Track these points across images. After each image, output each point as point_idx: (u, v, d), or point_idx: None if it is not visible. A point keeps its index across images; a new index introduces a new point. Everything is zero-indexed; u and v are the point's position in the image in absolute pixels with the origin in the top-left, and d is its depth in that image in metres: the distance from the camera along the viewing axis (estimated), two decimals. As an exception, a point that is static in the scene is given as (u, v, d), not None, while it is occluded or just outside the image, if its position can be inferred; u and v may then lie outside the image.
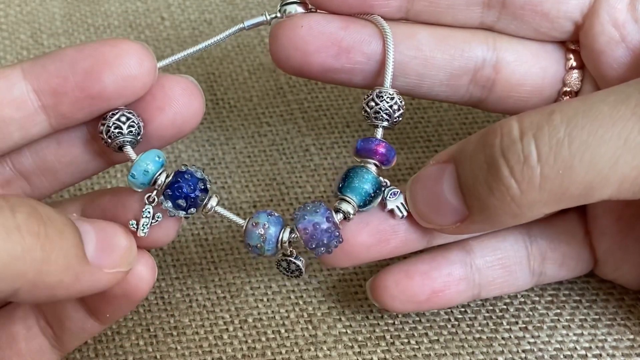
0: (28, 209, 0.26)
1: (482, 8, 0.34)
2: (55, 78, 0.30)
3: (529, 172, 0.28)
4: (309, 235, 0.32)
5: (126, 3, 0.52)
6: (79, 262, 0.28)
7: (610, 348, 0.36)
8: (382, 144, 0.33)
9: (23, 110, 0.30)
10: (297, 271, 0.33)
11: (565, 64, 0.36)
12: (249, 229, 0.32)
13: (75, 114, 0.31)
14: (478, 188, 0.30)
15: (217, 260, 0.39)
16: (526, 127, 0.29)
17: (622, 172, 0.28)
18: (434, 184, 0.31)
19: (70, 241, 0.27)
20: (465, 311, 0.38)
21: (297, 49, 0.34)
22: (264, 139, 0.45)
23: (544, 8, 0.34)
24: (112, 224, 0.30)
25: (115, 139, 0.31)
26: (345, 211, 0.32)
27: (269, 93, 0.47)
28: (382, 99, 0.33)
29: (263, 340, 0.36)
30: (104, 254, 0.29)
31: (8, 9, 0.51)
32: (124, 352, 0.36)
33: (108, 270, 0.29)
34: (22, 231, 0.26)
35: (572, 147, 0.28)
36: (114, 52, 0.30)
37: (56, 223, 0.27)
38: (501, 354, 0.36)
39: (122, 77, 0.30)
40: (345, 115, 0.46)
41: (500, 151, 0.29)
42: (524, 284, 0.37)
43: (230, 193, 0.42)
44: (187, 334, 0.37)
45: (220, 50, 0.49)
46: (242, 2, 0.52)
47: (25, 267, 0.26)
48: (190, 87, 0.32)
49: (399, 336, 0.37)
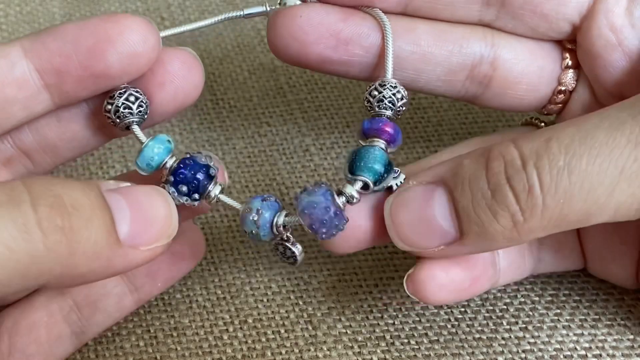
0: (50, 200, 0.25)
1: (480, 6, 0.34)
2: (57, 57, 0.30)
3: (532, 201, 0.29)
4: (311, 218, 0.31)
5: (126, 3, 0.52)
6: (110, 247, 0.26)
7: (610, 348, 0.36)
8: (389, 123, 0.33)
9: (25, 89, 0.30)
10: (292, 258, 0.33)
11: (562, 63, 0.36)
12: (243, 215, 0.31)
13: (78, 93, 0.31)
14: (480, 213, 0.29)
15: (217, 261, 0.39)
16: (527, 156, 0.29)
17: (618, 199, 0.28)
18: (423, 207, 0.31)
19: (99, 227, 0.26)
20: (465, 311, 0.38)
21: (295, 39, 0.34)
22: (264, 139, 0.45)
23: (543, 9, 0.34)
24: (150, 192, 0.29)
25: (124, 119, 0.31)
26: (349, 195, 0.31)
27: (269, 93, 0.47)
28: (385, 88, 0.33)
29: (263, 341, 0.36)
30: (140, 231, 0.28)
31: (8, 9, 0.51)
32: (124, 353, 0.36)
33: (145, 248, 0.28)
34: (43, 228, 0.25)
35: (572, 177, 0.28)
36: (117, 28, 0.30)
37: (83, 210, 0.26)
38: (501, 354, 0.36)
39: (126, 55, 0.30)
40: (345, 115, 0.46)
41: (506, 179, 0.29)
42: (529, 269, 0.37)
43: (231, 193, 0.42)
44: (187, 335, 0.37)
45: (220, 50, 0.49)
46: (242, 2, 0.52)
47: (51, 263, 0.25)
48: (189, 59, 0.32)
49: (399, 336, 0.37)
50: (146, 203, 0.28)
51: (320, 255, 0.40)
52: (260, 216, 0.31)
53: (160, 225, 0.28)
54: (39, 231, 0.25)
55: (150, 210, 0.28)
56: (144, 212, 0.28)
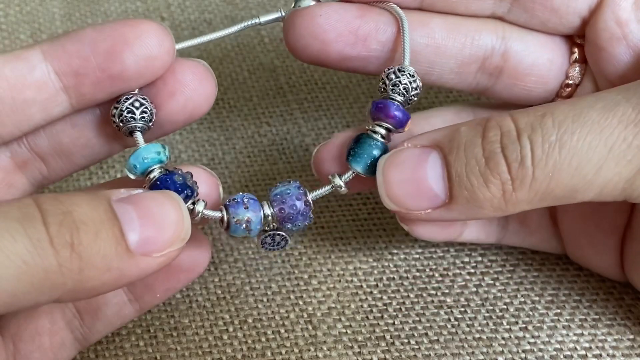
0: (60, 217, 0.26)
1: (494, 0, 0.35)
2: (76, 59, 0.30)
3: (523, 172, 0.29)
4: (281, 206, 0.32)
5: (126, 3, 0.52)
6: (120, 258, 0.27)
7: (610, 348, 0.36)
8: (399, 108, 0.33)
9: (44, 92, 0.30)
10: (283, 241, 0.33)
11: (570, 57, 0.36)
12: (233, 227, 0.32)
13: (96, 95, 0.31)
14: (472, 179, 0.30)
15: (217, 261, 0.39)
16: (522, 129, 0.30)
17: (605, 177, 0.29)
18: (415, 168, 0.31)
19: (108, 240, 0.26)
20: (465, 311, 0.38)
21: (315, 38, 0.34)
22: (264, 139, 0.45)
23: (554, 3, 0.34)
24: (159, 197, 0.29)
25: (127, 124, 0.31)
26: (337, 185, 0.33)
27: (269, 93, 0.47)
28: (403, 74, 0.33)
29: (263, 341, 0.36)
30: (151, 239, 0.28)
31: (8, 9, 0.51)
32: (124, 353, 0.36)
33: (157, 255, 0.28)
34: (55, 245, 0.25)
35: (562, 152, 0.29)
36: (134, 32, 0.30)
37: (91, 225, 0.26)
38: (501, 354, 0.36)
39: (142, 57, 0.30)
40: (345, 115, 0.46)
41: (500, 148, 0.30)
42: (495, 234, 0.38)
43: (230, 193, 0.42)
44: (187, 335, 0.37)
45: (220, 50, 0.49)
46: (242, 2, 0.52)
47: (63, 278, 0.26)
48: (202, 71, 0.32)
49: (399, 336, 0.37)
50: (156, 209, 0.28)
51: (321, 255, 0.40)
52: (250, 223, 0.32)
53: (171, 230, 0.28)
54: (51, 248, 0.25)
55: (160, 216, 0.28)
56: (154, 219, 0.28)
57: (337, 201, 0.42)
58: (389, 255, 0.40)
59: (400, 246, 0.40)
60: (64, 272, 0.25)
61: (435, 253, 0.40)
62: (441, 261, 0.40)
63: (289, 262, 0.39)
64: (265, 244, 0.34)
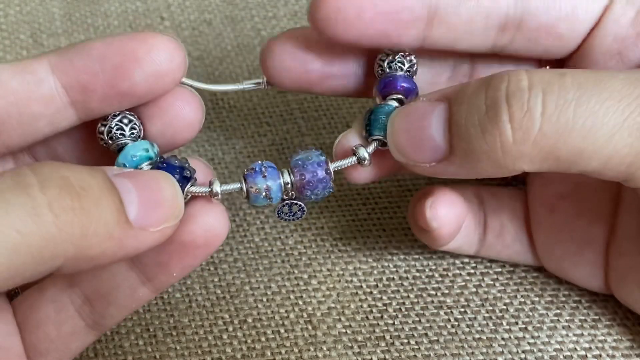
0: (59, 182, 0.25)
1: (497, 31, 0.34)
2: (84, 74, 0.30)
3: (529, 124, 0.28)
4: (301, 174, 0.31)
5: (126, 3, 0.52)
6: (121, 228, 0.27)
7: (610, 348, 0.36)
8: (404, 78, 0.33)
9: (52, 106, 0.30)
10: (300, 211, 0.33)
11: None
12: (253, 196, 0.31)
13: (103, 109, 0.31)
14: (469, 128, 0.29)
15: (217, 261, 0.39)
16: (536, 81, 0.29)
17: (615, 147, 0.28)
18: (421, 118, 0.31)
19: (110, 208, 0.26)
20: (465, 311, 0.37)
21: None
22: (264, 139, 0.45)
23: (560, 30, 0.33)
24: (155, 175, 0.29)
25: (116, 141, 0.31)
26: (362, 157, 0.32)
27: (269, 93, 0.47)
28: (395, 52, 0.34)
29: (262, 341, 0.36)
30: (148, 212, 0.28)
31: (8, 9, 0.51)
32: (123, 352, 0.36)
33: (154, 229, 0.28)
34: (54, 209, 0.25)
35: (578, 111, 0.28)
36: (144, 47, 0.30)
37: (92, 192, 0.26)
38: (501, 354, 0.36)
39: (152, 74, 0.30)
40: (345, 115, 0.46)
41: (505, 95, 0.29)
42: (475, 244, 0.38)
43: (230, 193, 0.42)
44: (186, 334, 0.36)
45: (220, 50, 0.49)
46: (242, 2, 0.52)
47: (64, 245, 0.25)
48: (187, 97, 0.32)
49: (398, 336, 0.37)
50: (153, 185, 0.28)
51: (320, 255, 0.40)
52: (270, 191, 0.31)
53: (167, 206, 0.28)
54: (49, 213, 0.25)
55: (156, 191, 0.28)
56: (151, 193, 0.28)
57: (337, 201, 0.42)
58: (389, 256, 0.40)
59: (400, 246, 0.40)
60: (64, 238, 0.25)
61: (435, 253, 0.40)
62: (441, 261, 0.40)
63: (288, 262, 0.39)
64: (281, 213, 0.33)
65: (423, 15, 0.33)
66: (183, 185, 0.31)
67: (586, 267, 0.36)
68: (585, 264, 0.36)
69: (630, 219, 0.35)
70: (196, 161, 0.32)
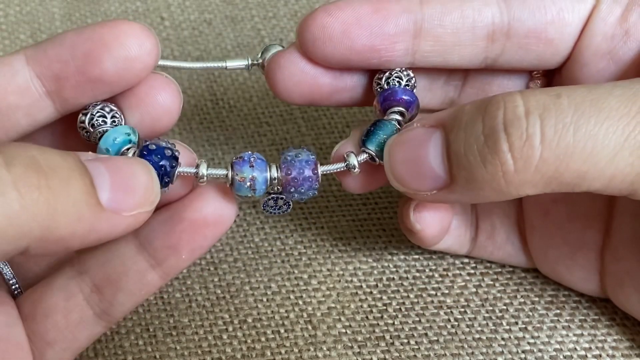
0: (25, 160, 0.25)
1: (486, 42, 0.34)
2: (56, 63, 0.30)
3: (529, 152, 0.28)
4: (289, 172, 0.31)
5: (126, 3, 0.52)
6: (91, 210, 0.26)
7: (610, 348, 0.36)
8: (405, 90, 0.33)
9: (28, 97, 0.30)
10: (286, 205, 0.33)
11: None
12: (237, 185, 0.31)
13: (78, 99, 0.31)
14: (469, 158, 0.29)
15: (217, 261, 0.39)
16: (532, 106, 0.28)
17: (617, 167, 0.28)
18: (418, 147, 0.31)
19: (79, 189, 0.26)
20: (465, 311, 0.37)
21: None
22: (263, 139, 0.45)
23: (548, 34, 0.33)
24: (130, 160, 0.29)
25: (98, 128, 0.31)
26: (351, 164, 0.32)
27: (269, 93, 0.47)
28: (391, 70, 0.34)
29: (262, 340, 0.36)
30: (121, 196, 0.27)
31: (8, 9, 0.51)
32: (123, 351, 0.36)
33: (127, 214, 0.27)
34: (19, 187, 0.24)
35: (577, 135, 0.28)
36: (112, 33, 0.30)
37: (60, 171, 0.26)
38: (501, 354, 0.36)
39: (121, 59, 0.30)
40: (345, 115, 0.46)
41: (503, 124, 0.28)
42: (467, 245, 0.38)
43: (230, 193, 0.42)
44: (186, 334, 0.36)
45: (220, 51, 0.49)
46: (242, 2, 0.52)
47: (29, 224, 0.25)
48: (163, 85, 0.32)
49: (398, 336, 0.37)
50: (126, 169, 0.28)
51: (320, 255, 0.40)
52: (254, 182, 0.31)
53: (141, 191, 0.28)
54: (13, 191, 0.24)
55: (130, 176, 0.28)
56: (125, 178, 0.28)
57: (337, 201, 0.42)
58: (389, 256, 0.40)
59: (400, 246, 0.40)
60: (30, 217, 0.25)
61: (435, 253, 0.40)
62: (441, 261, 0.40)
63: (288, 262, 0.39)
64: (267, 206, 0.33)
65: (409, 28, 0.33)
66: (173, 165, 0.30)
67: (581, 270, 0.36)
68: (579, 267, 0.36)
69: (625, 224, 0.35)
70: (179, 145, 0.32)
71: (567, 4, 0.33)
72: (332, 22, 0.32)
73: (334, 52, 0.33)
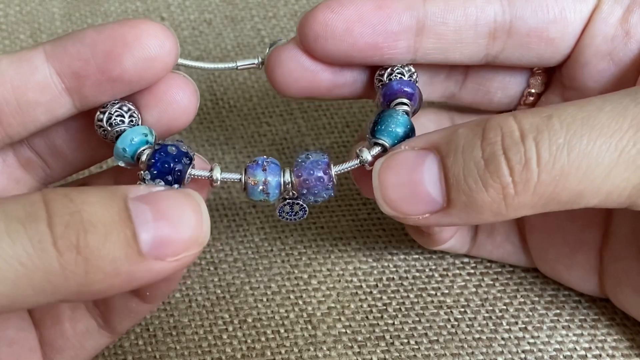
0: (67, 217, 0.25)
1: (487, 39, 0.34)
2: (76, 61, 0.30)
3: (527, 176, 0.28)
4: (303, 174, 0.31)
5: (126, 3, 0.52)
6: (130, 262, 0.26)
7: (610, 348, 0.36)
8: (408, 83, 0.33)
9: (47, 93, 0.30)
10: (302, 211, 0.32)
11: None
12: (250, 189, 0.31)
13: (98, 97, 0.31)
14: (470, 182, 0.29)
15: (217, 261, 0.39)
16: (526, 130, 0.29)
17: (613, 183, 0.28)
18: (411, 171, 0.30)
19: (118, 243, 0.25)
20: (465, 311, 0.37)
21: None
22: (263, 139, 0.45)
23: (549, 34, 0.33)
24: (178, 197, 0.27)
25: (115, 127, 0.31)
26: (364, 159, 0.31)
27: (269, 93, 0.47)
28: (392, 65, 0.34)
29: (262, 340, 0.36)
30: (166, 242, 0.26)
31: (8, 9, 0.51)
32: (123, 351, 0.36)
33: (172, 259, 0.26)
34: (59, 246, 0.25)
35: (571, 155, 0.28)
36: (133, 33, 0.30)
37: (100, 227, 0.25)
38: (501, 354, 0.36)
39: (142, 59, 0.30)
40: (345, 115, 0.46)
41: (502, 150, 0.29)
42: (466, 244, 0.38)
43: (230, 193, 0.42)
44: (186, 334, 0.36)
45: (220, 50, 0.49)
46: (242, 2, 0.52)
47: (66, 281, 0.25)
48: (182, 85, 0.32)
49: (398, 336, 0.37)
50: (174, 211, 0.27)
51: (320, 255, 0.40)
52: (267, 185, 0.31)
53: (188, 234, 0.27)
54: (54, 250, 0.25)
55: (177, 218, 0.27)
56: (171, 221, 0.27)
57: (337, 201, 0.42)
58: (389, 255, 0.40)
59: (400, 246, 0.40)
60: (67, 275, 0.25)
61: (435, 253, 0.40)
62: (441, 261, 0.40)
63: (288, 262, 0.39)
64: (282, 212, 0.32)
65: (412, 26, 0.33)
66: (187, 168, 0.30)
67: (580, 270, 0.36)
68: (578, 267, 0.36)
69: (624, 224, 0.35)
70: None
71: (569, 3, 0.33)
72: (335, 19, 0.32)
73: (336, 50, 0.33)
